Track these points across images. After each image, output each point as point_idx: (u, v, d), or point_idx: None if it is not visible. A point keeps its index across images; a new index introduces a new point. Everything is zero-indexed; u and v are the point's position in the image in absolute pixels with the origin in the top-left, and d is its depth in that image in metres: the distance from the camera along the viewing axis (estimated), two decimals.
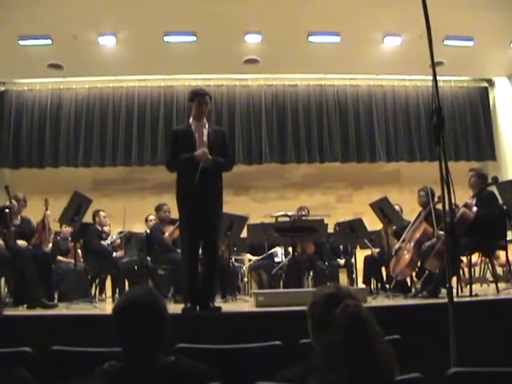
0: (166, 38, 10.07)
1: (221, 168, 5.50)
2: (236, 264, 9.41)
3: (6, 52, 10.04)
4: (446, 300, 3.25)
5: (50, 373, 2.80)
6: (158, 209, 8.49)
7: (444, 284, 3.70)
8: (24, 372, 2.31)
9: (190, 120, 5.62)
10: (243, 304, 7.01)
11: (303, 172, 12.35)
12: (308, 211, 9.16)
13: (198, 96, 5.57)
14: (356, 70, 11.89)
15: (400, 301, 6.43)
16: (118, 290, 8.36)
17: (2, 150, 11.52)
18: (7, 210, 6.54)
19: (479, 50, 10.68)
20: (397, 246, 7.48)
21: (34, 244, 6.93)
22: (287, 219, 7.56)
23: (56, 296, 7.27)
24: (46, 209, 7.14)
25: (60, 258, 8.43)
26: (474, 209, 6.45)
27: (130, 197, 11.45)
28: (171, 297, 7.74)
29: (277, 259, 9.44)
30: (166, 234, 8.15)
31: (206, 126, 5.58)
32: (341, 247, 9.79)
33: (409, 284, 7.50)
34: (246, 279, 9.76)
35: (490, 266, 7.75)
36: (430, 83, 3.40)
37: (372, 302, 6.36)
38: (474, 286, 6.63)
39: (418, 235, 7.05)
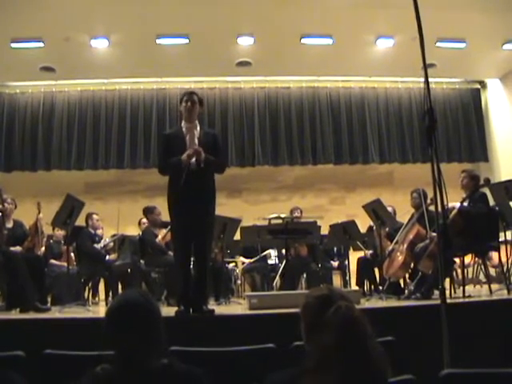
0: (159, 41, 10.04)
1: (211, 167, 5.41)
2: (229, 266, 9.40)
3: None
4: (439, 301, 3.25)
5: (43, 377, 2.79)
6: (150, 211, 8.45)
7: (437, 285, 3.70)
8: (17, 376, 2.30)
9: (182, 123, 5.58)
10: (236, 306, 6.99)
11: (296, 174, 12.35)
12: (301, 212, 9.17)
13: (187, 95, 5.57)
14: (349, 72, 11.91)
15: (393, 302, 6.42)
16: (111, 294, 8.33)
17: None
18: (0, 214, 6.51)
19: (471, 51, 10.70)
20: (390, 247, 7.49)
21: (27, 247, 6.89)
22: (280, 221, 7.57)
23: (49, 299, 7.25)
24: (39, 212, 7.10)
25: (53, 261, 8.41)
26: (457, 204, 6.49)
27: (123, 199, 11.40)
28: (164, 300, 7.72)
29: (270, 261, 9.43)
30: (159, 236, 8.13)
31: (198, 127, 5.54)
32: (334, 249, 9.79)
33: (402, 285, 7.50)
34: (239, 282, 9.74)
35: (482, 267, 7.77)
36: (423, 85, 3.41)
37: (365, 303, 6.35)
38: (467, 287, 6.66)
39: (411, 237, 7.05)
